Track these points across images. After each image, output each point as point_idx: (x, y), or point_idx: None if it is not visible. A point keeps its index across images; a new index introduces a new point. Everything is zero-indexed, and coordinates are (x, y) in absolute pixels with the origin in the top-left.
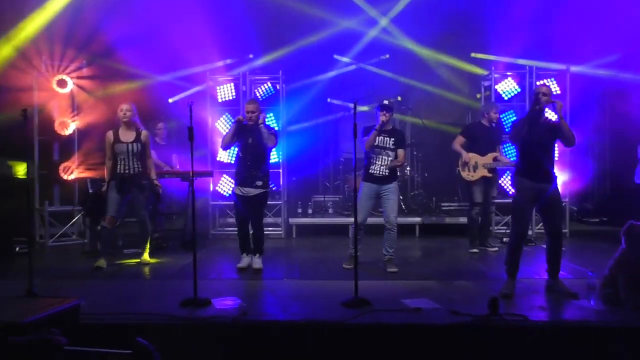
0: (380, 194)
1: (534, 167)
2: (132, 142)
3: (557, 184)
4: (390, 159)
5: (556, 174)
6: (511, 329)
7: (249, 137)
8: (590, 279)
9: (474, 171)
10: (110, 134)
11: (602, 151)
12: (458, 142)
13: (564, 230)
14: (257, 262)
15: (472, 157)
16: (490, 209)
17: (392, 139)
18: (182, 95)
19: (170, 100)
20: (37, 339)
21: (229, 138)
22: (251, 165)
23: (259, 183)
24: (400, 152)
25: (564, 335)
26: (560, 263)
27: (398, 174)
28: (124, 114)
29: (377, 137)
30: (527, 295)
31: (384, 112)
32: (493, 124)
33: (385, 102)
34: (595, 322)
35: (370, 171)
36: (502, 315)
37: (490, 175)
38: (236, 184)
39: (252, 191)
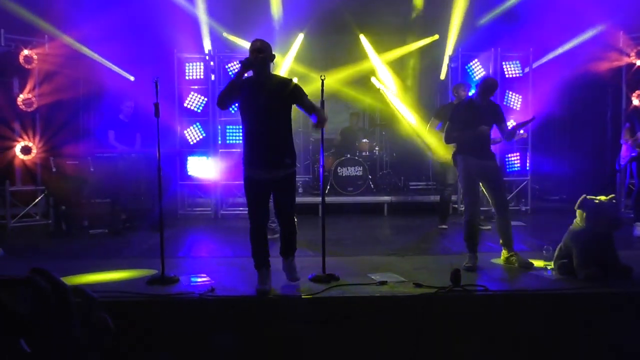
0: None
1: (477, 146)
2: None
3: (497, 161)
4: None
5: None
6: (472, 299)
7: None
8: (546, 251)
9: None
10: None
11: (562, 132)
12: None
13: (525, 208)
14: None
15: None
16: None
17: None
18: None
19: (131, 78)
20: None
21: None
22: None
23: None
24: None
25: (522, 302)
26: (511, 235)
27: None
28: None
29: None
30: (488, 268)
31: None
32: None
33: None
34: (550, 289)
35: None
36: (463, 287)
37: None
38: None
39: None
